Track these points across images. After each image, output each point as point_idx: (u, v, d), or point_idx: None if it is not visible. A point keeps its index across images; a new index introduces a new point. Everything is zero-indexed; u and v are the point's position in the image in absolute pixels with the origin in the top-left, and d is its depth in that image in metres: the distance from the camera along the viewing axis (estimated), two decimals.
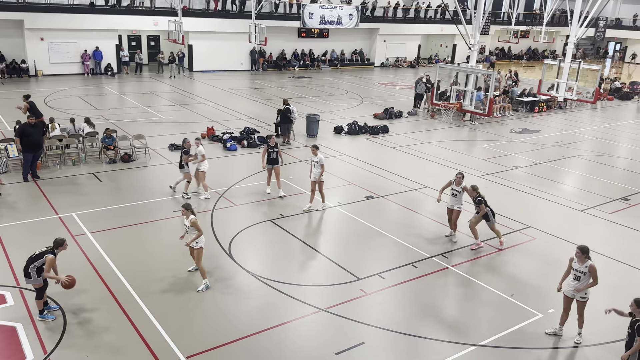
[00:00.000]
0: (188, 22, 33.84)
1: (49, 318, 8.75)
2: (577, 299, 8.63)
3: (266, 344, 8.43)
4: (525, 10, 55.86)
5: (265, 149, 14.44)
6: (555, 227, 13.33)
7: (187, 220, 9.75)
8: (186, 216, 9.74)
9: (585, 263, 8.41)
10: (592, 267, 8.39)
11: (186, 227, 9.85)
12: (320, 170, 13.33)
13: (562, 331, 8.88)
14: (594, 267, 8.40)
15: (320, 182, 13.54)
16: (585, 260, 8.41)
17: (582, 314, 8.72)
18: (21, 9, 30.66)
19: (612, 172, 18.33)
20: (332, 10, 41.21)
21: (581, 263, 8.44)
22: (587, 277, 8.43)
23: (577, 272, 8.50)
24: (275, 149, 14.31)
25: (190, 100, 27.63)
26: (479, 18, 24.07)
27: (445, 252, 11.72)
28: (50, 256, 8.57)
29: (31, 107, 17.62)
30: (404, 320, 9.24)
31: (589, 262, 8.41)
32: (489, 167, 18.08)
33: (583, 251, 8.42)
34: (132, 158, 17.17)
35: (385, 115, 25.01)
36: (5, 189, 14.21)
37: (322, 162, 13.32)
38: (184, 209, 9.75)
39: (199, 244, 9.77)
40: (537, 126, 25.12)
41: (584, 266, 8.42)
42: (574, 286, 8.56)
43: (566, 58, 28.51)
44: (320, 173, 13.37)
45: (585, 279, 8.45)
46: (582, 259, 8.43)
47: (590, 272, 8.39)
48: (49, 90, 28.01)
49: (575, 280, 8.55)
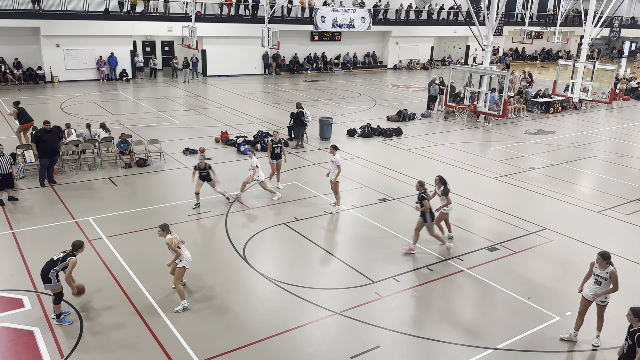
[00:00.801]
0: (201, 27, 34.09)
1: (66, 322, 8.83)
2: (597, 302, 8.55)
3: (281, 347, 8.43)
4: (539, 11, 55.47)
5: (269, 144, 15.02)
6: (571, 229, 13.19)
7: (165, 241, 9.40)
8: (163, 237, 9.35)
9: (606, 269, 8.32)
10: (614, 272, 8.29)
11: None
12: (336, 172, 13.38)
13: (576, 337, 8.76)
14: (615, 273, 8.30)
15: (335, 183, 13.57)
16: (607, 266, 8.32)
17: (601, 317, 8.64)
18: (37, 17, 31.10)
19: (628, 173, 18.11)
20: (345, 13, 41.25)
21: (602, 269, 8.36)
22: (608, 282, 8.35)
23: (598, 277, 8.43)
24: (279, 144, 14.93)
25: (204, 104, 27.79)
26: (492, 19, 23.93)
27: (460, 254, 11.64)
28: (73, 259, 8.69)
29: (20, 113, 18.01)
30: (420, 323, 9.19)
31: (610, 268, 8.30)
32: (504, 169, 17.95)
33: (604, 257, 8.33)
34: (148, 162, 17.30)
35: (399, 117, 24.95)
36: (22, 194, 14.39)
37: (337, 163, 13.36)
38: (161, 230, 9.34)
39: (182, 262, 9.36)
40: (552, 127, 24.90)
41: (605, 272, 8.33)
42: (594, 290, 8.47)
43: (581, 58, 28.23)
44: (336, 174, 13.40)
45: (606, 284, 8.38)
46: (603, 265, 8.34)
47: (611, 278, 8.31)
48: (65, 96, 28.34)
49: (596, 285, 8.47)
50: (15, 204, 13.77)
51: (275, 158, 15.03)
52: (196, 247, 11.74)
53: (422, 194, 11.32)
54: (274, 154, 14.98)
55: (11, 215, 13.10)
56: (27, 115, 18.32)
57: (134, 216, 13.17)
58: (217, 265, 10.98)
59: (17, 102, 18.77)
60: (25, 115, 18.27)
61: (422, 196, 11.29)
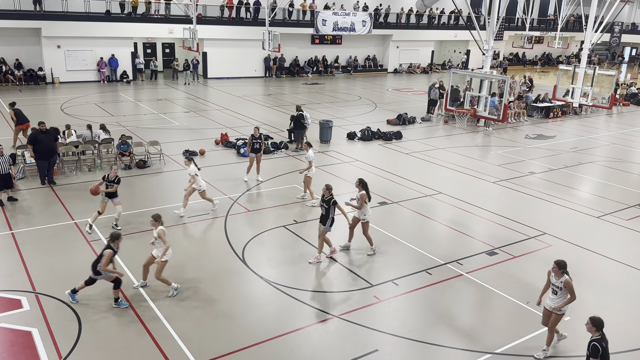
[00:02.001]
0: (202, 29, 34.16)
1: (123, 305, 9.30)
2: (554, 312, 8.33)
3: (279, 350, 8.41)
4: (540, 16, 55.57)
5: (249, 138, 15.68)
6: (571, 234, 13.19)
7: (155, 231, 9.58)
8: (155, 227, 9.60)
9: (561, 278, 8.17)
10: (568, 282, 8.12)
11: (154, 239, 9.68)
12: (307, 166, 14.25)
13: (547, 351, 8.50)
14: (569, 282, 8.11)
15: (308, 178, 14.36)
16: (562, 275, 8.16)
17: (552, 330, 8.44)
18: (38, 18, 31.14)
19: (628, 179, 18.12)
20: (346, 16, 41.32)
21: (557, 278, 8.22)
22: (564, 292, 8.18)
23: (554, 287, 8.30)
24: (259, 140, 15.58)
25: (204, 106, 27.80)
26: (493, 23, 23.97)
27: (459, 258, 11.63)
28: (109, 251, 9.00)
29: (17, 114, 18.08)
30: (418, 327, 9.17)
31: (564, 277, 8.14)
32: (504, 173, 17.96)
33: (560, 266, 8.17)
34: (147, 164, 17.30)
35: (399, 121, 24.97)
36: (21, 195, 14.39)
37: (309, 159, 14.18)
38: (153, 220, 9.60)
39: (167, 256, 9.61)
40: (552, 132, 24.92)
41: (559, 281, 8.18)
42: (554, 301, 8.32)
43: (581, 63, 28.25)
44: (307, 169, 14.26)
45: (562, 294, 8.21)
46: (558, 274, 8.20)
47: (566, 287, 8.13)
48: (66, 97, 28.36)
49: (553, 294, 8.34)
50: (15, 205, 13.77)
51: (255, 152, 15.69)
52: (195, 250, 11.74)
53: (330, 198, 11.02)
54: (253, 149, 15.65)
55: (10, 215, 13.09)
56: (23, 116, 18.37)
57: (134, 218, 13.16)
58: (216, 267, 10.96)
59: (13, 103, 18.82)
60: (21, 116, 18.32)
61: (334, 201, 11.04)
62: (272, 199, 14.78)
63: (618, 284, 10.94)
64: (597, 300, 10.25)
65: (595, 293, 10.53)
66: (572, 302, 8.23)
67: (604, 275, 11.27)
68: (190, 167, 13.04)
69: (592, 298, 10.33)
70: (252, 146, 15.65)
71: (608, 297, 10.41)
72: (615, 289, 10.71)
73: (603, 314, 8.61)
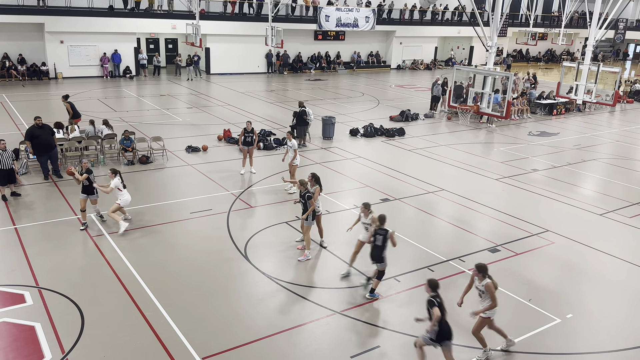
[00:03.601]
0: (205, 25, 34.12)
1: (376, 296, 9.81)
2: (480, 316, 8.16)
3: (281, 346, 8.43)
4: (544, 12, 55.37)
5: (242, 132, 16.16)
6: (573, 231, 13.17)
7: (366, 218, 10.27)
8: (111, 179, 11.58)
9: (482, 281, 8.02)
10: (488, 285, 7.95)
11: (365, 225, 10.30)
12: (292, 155, 14.78)
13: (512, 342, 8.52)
14: (490, 286, 7.94)
15: (294, 167, 14.81)
16: (483, 279, 8.01)
17: (477, 333, 8.26)
18: (41, 13, 31.16)
19: (631, 176, 18.07)
20: (349, 12, 41.23)
21: (479, 281, 8.07)
22: (486, 295, 8.03)
23: (478, 289, 8.14)
24: (251, 133, 16.07)
25: (207, 102, 27.80)
26: (497, 20, 23.89)
27: (462, 255, 11.63)
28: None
29: (72, 107, 18.52)
30: (420, 323, 9.16)
31: (485, 281, 7.98)
32: (507, 170, 17.93)
33: (479, 269, 8.02)
34: (150, 160, 17.31)
35: (402, 117, 24.93)
36: (24, 190, 14.42)
37: (294, 147, 14.77)
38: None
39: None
40: (555, 129, 24.86)
41: (481, 284, 8.04)
42: (480, 303, 8.17)
43: (585, 60, 28.16)
44: (293, 157, 14.77)
45: (485, 297, 8.06)
46: (480, 278, 8.05)
47: (487, 291, 7.98)
48: (69, 92, 28.20)
49: (479, 297, 8.20)
50: (18, 200, 13.80)
51: (247, 145, 16.14)
52: (198, 246, 11.75)
53: (306, 193, 11.08)
54: (245, 142, 16.11)
55: (13, 210, 13.13)
56: (76, 110, 19.07)
57: (136, 213, 13.18)
58: (219, 263, 10.98)
59: (66, 95, 19.36)
60: (75, 109, 18.98)
61: (309, 196, 11.08)
62: (274, 195, 14.78)
63: (620, 281, 10.92)
64: (599, 298, 10.25)
65: (597, 290, 10.52)
66: (494, 307, 8.00)
67: (606, 272, 11.25)
68: (113, 180, 11.98)
69: (594, 295, 10.33)
70: (244, 139, 16.11)
71: (610, 295, 10.40)
72: (617, 287, 10.69)
73: (605, 311, 8.64)
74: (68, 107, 18.72)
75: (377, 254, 9.64)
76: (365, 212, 10.33)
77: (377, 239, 9.61)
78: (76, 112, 18.92)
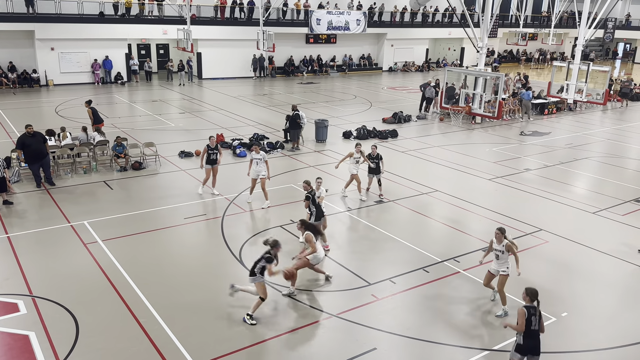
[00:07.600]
0: (197, 30, 34.09)
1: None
2: (500, 273, 9.33)
3: (278, 350, 8.41)
4: (534, 13, 55.68)
5: (204, 149, 14.55)
6: (567, 229, 13.23)
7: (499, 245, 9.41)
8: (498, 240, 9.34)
9: (502, 242, 9.19)
10: (508, 244, 9.17)
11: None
12: (264, 166, 13.93)
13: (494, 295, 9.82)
14: (510, 245, 9.17)
15: (263, 179, 13.99)
16: (503, 240, 9.19)
17: (502, 290, 9.38)
18: (32, 20, 31.03)
19: (623, 174, 18.18)
20: (340, 16, 41.32)
21: (499, 243, 9.22)
22: (505, 255, 9.19)
23: (496, 251, 9.27)
24: (216, 150, 14.53)
25: (199, 107, 27.76)
26: (487, 21, 24.01)
27: (456, 256, 11.66)
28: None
29: (93, 113, 18.56)
30: (416, 325, 9.19)
31: (505, 241, 9.18)
32: (500, 170, 18.00)
33: (502, 231, 9.23)
34: (143, 166, 17.26)
35: (394, 119, 24.99)
36: (17, 198, 14.34)
37: (265, 159, 13.97)
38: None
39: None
40: (547, 128, 24.99)
41: (501, 245, 9.19)
42: (497, 264, 9.34)
43: (575, 60, 28.31)
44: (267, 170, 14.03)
45: (504, 257, 9.21)
46: (500, 239, 9.21)
47: (508, 249, 9.15)
48: (60, 99, 28.26)
49: (496, 259, 9.33)
50: (10, 208, 13.72)
51: (211, 164, 14.54)
52: (192, 251, 11.72)
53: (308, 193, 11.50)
54: (209, 160, 14.48)
55: (6, 219, 13.05)
56: (98, 115, 19.33)
57: (130, 219, 13.14)
58: (214, 267, 10.96)
59: (89, 101, 19.56)
60: (97, 115, 19.24)
61: (307, 196, 11.47)
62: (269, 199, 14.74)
63: (614, 279, 10.98)
64: (593, 296, 10.29)
65: (591, 288, 10.57)
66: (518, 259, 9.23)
67: (600, 270, 11.30)
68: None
69: (588, 293, 10.37)
70: (207, 157, 14.45)
71: (604, 293, 10.44)
72: (611, 284, 10.75)
73: (599, 309, 8.69)
74: (90, 113, 18.87)
75: None
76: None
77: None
78: (97, 117, 19.18)
